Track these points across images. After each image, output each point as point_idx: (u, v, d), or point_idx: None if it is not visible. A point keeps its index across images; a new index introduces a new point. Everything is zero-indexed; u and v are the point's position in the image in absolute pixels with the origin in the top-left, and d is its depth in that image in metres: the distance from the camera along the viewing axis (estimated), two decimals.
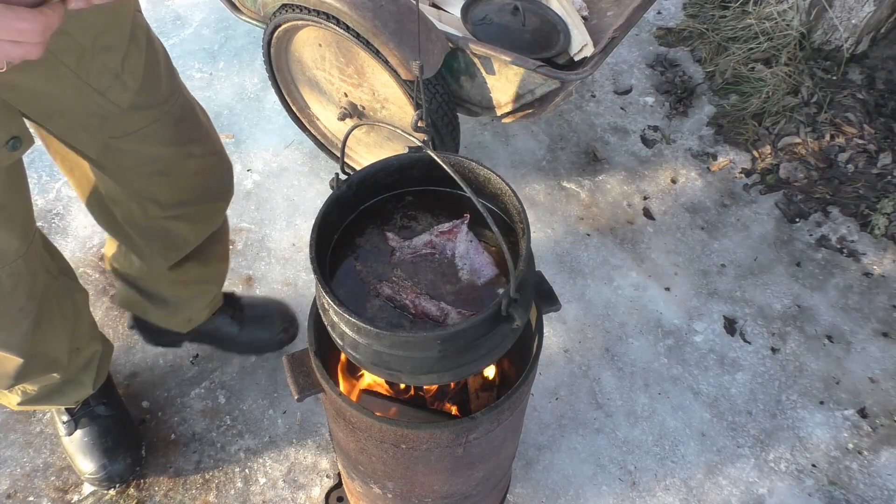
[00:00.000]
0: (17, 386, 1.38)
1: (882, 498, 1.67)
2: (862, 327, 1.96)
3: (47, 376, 1.39)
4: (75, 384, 1.51)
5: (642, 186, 2.28)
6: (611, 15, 2.03)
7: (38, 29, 0.66)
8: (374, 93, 1.92)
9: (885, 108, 2.42)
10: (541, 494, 1.66)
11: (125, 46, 1.05)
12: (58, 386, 1.46)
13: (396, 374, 0.95)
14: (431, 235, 1.04)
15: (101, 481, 1.62)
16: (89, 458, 1.61)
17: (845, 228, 2.16)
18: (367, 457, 1.14)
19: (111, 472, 1.61)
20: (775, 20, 2.60)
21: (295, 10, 1.76)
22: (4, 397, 1.45)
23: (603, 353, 1.90)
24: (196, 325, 1.70)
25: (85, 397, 1.58)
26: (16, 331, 1.22)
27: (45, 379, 1.40)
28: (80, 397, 1.57)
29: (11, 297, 1.16)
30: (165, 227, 1.37)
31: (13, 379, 1.32)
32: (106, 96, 1.04)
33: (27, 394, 1.42)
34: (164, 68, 1.18)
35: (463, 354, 0.91)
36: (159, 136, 1.20)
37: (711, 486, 1.68)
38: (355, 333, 0.92)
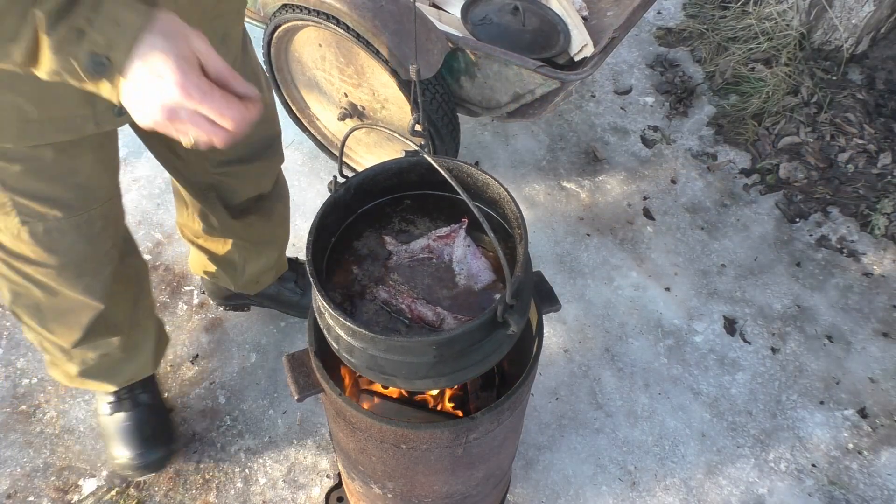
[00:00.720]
0: (80, 349, 1.39)
1: (882, 498, 1.67)
2: (862, 327, 1.96)
3: (108, 341, 1.42)
4: (132, 362, 1.53)
5: (642, 186, 2.28)
6: (611, 15, 2.03)
7: (238, 119, 0.75)
8: (374, 93, 1.92)
9: (885, 108, 2.42)
10: (541, 494, 1.66)
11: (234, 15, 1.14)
12: (115, 362, 1.48)
13: (391, 379, 0.94)
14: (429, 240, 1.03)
15: (134, 469, 1.63)
16: (127, 445, 1.63)
17: (845, 228, 2.16)
18: (367, 457, 1.14)
19: (147, 461, 1.63)
20: (775, 20, 2.60)
21: (295, 10, 1.76)
22: (62, 367, 1.46)
23: (603, 354, 1.90)
24: (263, 289, 1.79)
25: (141, 377, 1.61)
26: (99, 276, 1.28)
27: (105, 345, 1.42)
28: (135, 376, 1.59)
29: (100, 239, 1.22)
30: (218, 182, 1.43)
31: (83, 332, 1.35)
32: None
33: (86, 362, 1.44)
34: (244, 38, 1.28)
35: (459, 360, 0.91)
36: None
37: (711, 486, 1.68)
38: (350, 337, 0.92)
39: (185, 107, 0.73)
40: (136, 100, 0.74)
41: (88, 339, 1.38)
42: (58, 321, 1.32)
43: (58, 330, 1.34)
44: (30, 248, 1.14)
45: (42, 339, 1.39)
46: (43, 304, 1.27)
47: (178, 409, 1.78)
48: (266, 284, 1.81)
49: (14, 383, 1.83)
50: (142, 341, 1.55)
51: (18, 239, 1.12)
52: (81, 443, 1.73)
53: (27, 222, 1.10)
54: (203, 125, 0.75)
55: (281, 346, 1.90)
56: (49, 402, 1.80)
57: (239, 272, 1.70)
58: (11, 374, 1.85)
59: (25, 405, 1.80)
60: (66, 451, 1.72)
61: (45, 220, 1.10)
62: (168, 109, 0.74)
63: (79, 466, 1.70)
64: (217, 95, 0.74)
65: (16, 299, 1.27)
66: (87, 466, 1.70)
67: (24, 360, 1.87)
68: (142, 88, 0.72)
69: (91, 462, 1.71)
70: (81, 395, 1.81)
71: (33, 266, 1.18)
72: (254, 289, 1.79)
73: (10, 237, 1.12)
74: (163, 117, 0.74)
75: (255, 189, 1.52)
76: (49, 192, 1.09)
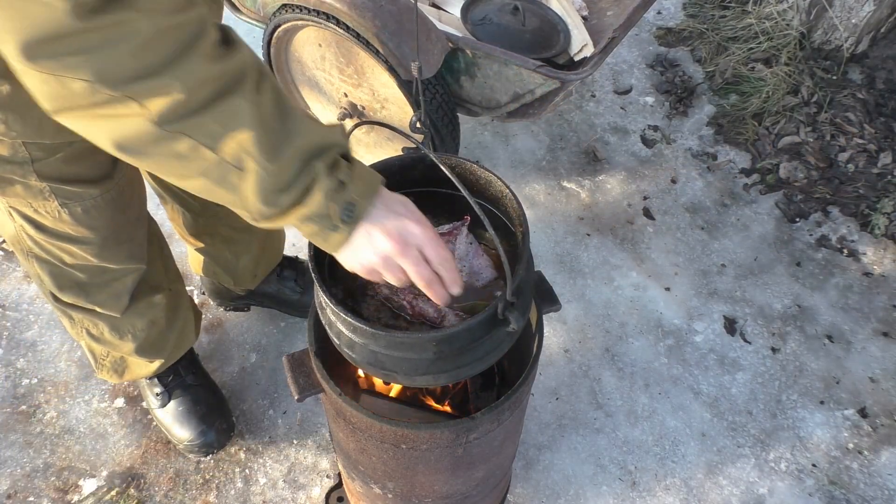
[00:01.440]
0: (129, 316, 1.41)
1: (882, 498, 1.67)
2: (862, 327, 1.96)
3: (152, 300, 1.44)
4: (174, 328, 1.55)
5: (642, 186, 2.28)
6: (611, 15, 2.03)
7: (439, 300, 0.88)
8: (373, 93, 1.92)
9: (885, 107, 2.42)
10: (541, 494, 1.66)
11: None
12: (160, 331, 1.51)
13: (392, 375, 0.94)
14: None
15: (199, 447, 1.67)
16: (186, 427, 1.66)
17: (845, 228, 2.16)
18: (368, 457, 1.14)
19: (209, 439, 1.67)
20: (775, 20, 2.60)
21: (295, 10, 1.76)
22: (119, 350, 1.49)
23: (603, 353, 1.90)
24: (262, 280, 1.82)
25: (184, 347, 1.64)
26: (137, 240, 1.32)
27: (151, 307, 1.44)
28: (179, 345, 1.61)
29: (132, 206, 1.27)
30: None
31: (130, 296, 1.38)
32: None
33: (137, 336, 1.46)
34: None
35: (459, 357, 0.91)
36: None
37: (712, 486, 1.68)
38: (351, 333, 0.92)
39: (396, 260, 0.83)
40: (354, 250, 0.83)
41: (135, 302, 1.41)
42: (105, 292, 1.34)
43: (107, 301, 1.36)
44: (72, 228, 1.17)
45: (91, 326, 1.41)
46: (86, 281, 1.30)
47: None
48: (263, 275, 1.81)
49: (14, 383, 1.83)
50: (180, 303, 1.57)
51: (60, 220, 1.15)
52: (81, 443, 1.73)
53: (66, 204, 1.13)
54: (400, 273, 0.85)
55: (281, 346, 1.90)
56: (49, 402, 1.80)
57: (232, 262, 1.71)
58: (12, 374, 1.85)
59: (25, 405, 1.80)
60: (66, 451, 1.72)
61: (83, 200, 1.14)
62: (384, 259, 0.83)
63: (79, 467, 1.70)
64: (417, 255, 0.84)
65: (60, 283, 1.29)
66: (87, 467, 1.70)
67: (24, 361, 1.87)
68: (360, 239, 0.82)
69: (91, 462, 1.71)
70: (81, 394, 1.81)
71: (77, 244, 1.21)
72: (252, 282, 1.80)
73: (52, 220, 1.15)
74: (377, 265, 0.84)
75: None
76: (85, 174, 1.12)
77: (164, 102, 0.67)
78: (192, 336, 1.65)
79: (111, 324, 1.42)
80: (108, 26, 0.63)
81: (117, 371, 1.57)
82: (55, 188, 1.09)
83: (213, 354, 1.88)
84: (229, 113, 0.71)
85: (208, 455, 1.70)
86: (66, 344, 1.90)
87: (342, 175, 0.78)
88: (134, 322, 1.44)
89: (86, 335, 1.44)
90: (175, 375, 1.69)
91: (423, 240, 0.84)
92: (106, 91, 0.66)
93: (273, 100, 0.75)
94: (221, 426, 1.69)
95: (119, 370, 1.57)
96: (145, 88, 0.67)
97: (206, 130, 0.71)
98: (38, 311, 1.97)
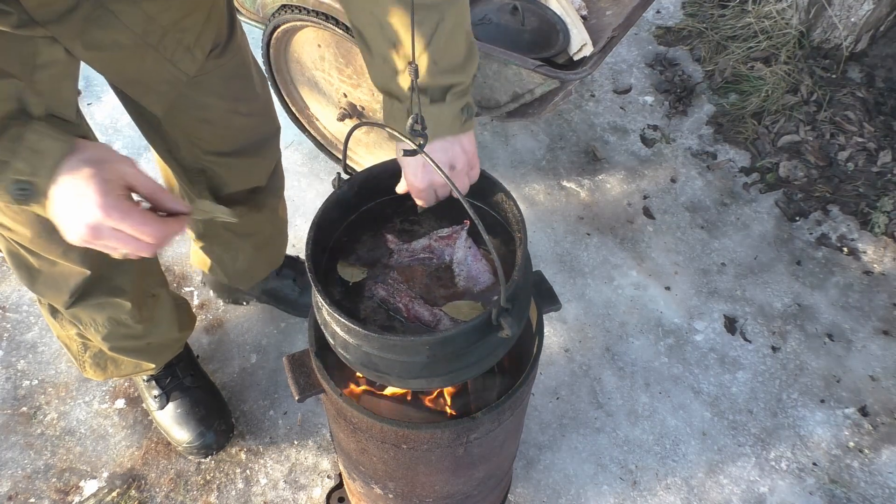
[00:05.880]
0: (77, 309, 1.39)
1: (883, 496, 1.67)
2: (862, 325, 1.96)
3: (111, 301, 1.40)
4: (155, 332, 1.53)
5: (642, 186, 2.28)
6: (610, 14, 2.03)
7: (158, 235, 0.82)
8: (373, 93, 1.92)
9: (884, 106, 2.42)
10: (542, 494, 1.66)
11: (200, 27, 1.17)
12: (136, 333, 1.48)
13: (385, 377, 0.94)
14: (430, 240, 1.03)
15: (198, 449, 1.67)
16: (185, 428, 1.67)
17: (845, 227, 2.16)
18: (368, 457, 1.14)
19: (208, 440, 1.67)
20: (774, 19, 2.60)
21: (294, 10, 1.76)
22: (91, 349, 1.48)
23: (603, 353, 1.90)
24: (258, 282, 1.83)
25: (171, 349, 1.64)
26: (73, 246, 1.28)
27: (110, 306, 1.41)
28: (164, 347, 1.60)
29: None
30: (207, 167, 1.44)
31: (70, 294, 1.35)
32: (178, 66, 1.16)
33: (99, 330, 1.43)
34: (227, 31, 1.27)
35: (452, 361, 0.90)
36: (210, 85, 1.28)
37: (712, 485, 1.68)
38: (346, 334, 0.92)
39: (106, 225, 0.80)
40: (63, 218, 0.81)
41: (82, 300, 1.38)
42: (46, 284, 1.33)
43: (46, 292, 1.35)
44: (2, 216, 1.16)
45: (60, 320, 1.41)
46: (35, 266, 1.30)
47: None
48: (259, 278, 1.82)
49: (15, 385, 1.83)
50: (159, 310, 1.54)
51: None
52: (82, 444, 1.73)
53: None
54: (126, 241, 0.82)
55: (281, 346, 1.90)
56: (50, 403, 1.80)
57: (229, 263, 1.71)
58: (12, 375, 1.85)
59: (26, 407, 1.80)
60: (66, 452, 1.72)
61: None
62: (91, 227, 0.80)
63: (80, 468, 1.70)
64: (136, 214, 0.81)
65: (15, 263, 1.30)
66: (87, 468, 1.70)
67: (24, 362, 1.87)
68: (66, 208, 0.80)
69: (92, 463, 1.71)
70: (82, 395, 1.81)
71: (11, 233, 1.20)
72: (247, 282, 1.82)
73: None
74: (88, 235, 0.81)
75: (245, 182, 1.53)
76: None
77: None
78: (178, 338, 1.63)
79: (70, 313, 1.41)
80: None
81: (100, 366, 1.55)
82: None
83: (213, 355, 1.88)
84: None
85: (208, 457, 1.70)
86: None
87: (1, 154, 0.76)
88: (93, 316, 1.42)
89: (66, 319, 1.42)
90: (173, 377, 1.69)
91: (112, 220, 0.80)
92: None
93: None
94: (220, 427, 1.69)
95: (102, 365, 1.55)
96: None
97: None
98: (39, 312, 1.97)
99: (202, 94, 1.28)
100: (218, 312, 1.96)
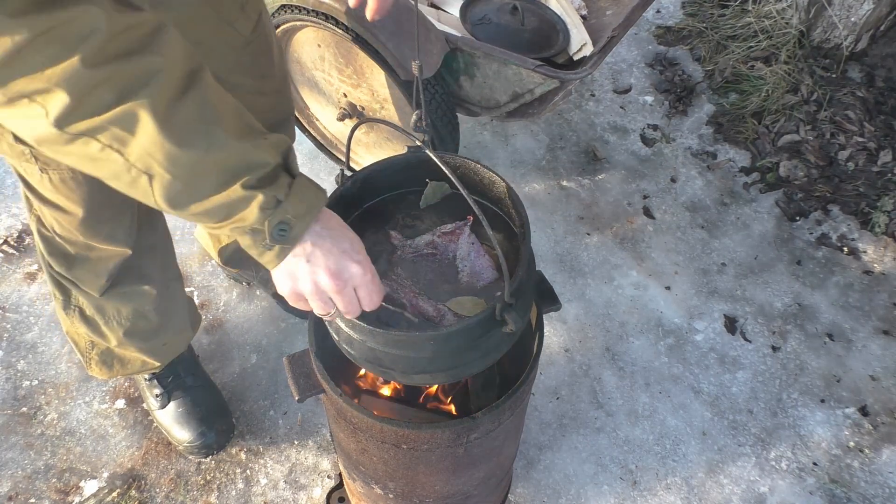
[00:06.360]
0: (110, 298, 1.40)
1: (883, 496, 1.67)
2: (863, 325, 1.96)
3: (139, 289, 1.42)
4: (168, 327, 1.54)
5: (642, 185, 2.28)
6: (610, 14, 2.03)
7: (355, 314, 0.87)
8: (373, 93, 1.92)
9: (884, 105, 2.42)
10: (542, 494, 1.66)
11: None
12: (152, 326, 1.49)
13: (389, 372, 0.95)
14: (434, 236, 1.03)
15: (199, 449, 1.67)
16: (186, 428, 1.67)
17: (845, 226, 2.16)
18: (369, 457, 1.14)
19: (209, 440, 1.67)
20: (774, 18, 2.60)
21: (293, 10, 1.76)
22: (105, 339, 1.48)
23: (603, 353, 1.90)
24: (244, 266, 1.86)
25: (180, 346, 1.63)
26: (120, 222, 1.29)
27: (137, 294, 1.42)
28: (173, 345, 1.60)
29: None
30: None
31: (107, 278, 1.36)
32: (234, 27, 1.17)
33: (122, 323, 1.44)
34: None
35: (457, 356, 0.91)
36: (243, 63, 1.27)
37: (713, 485, 1.68)
38: (350, 329, 0.92)
39: (354, 280, 0.84)
40: (290, 272, 0.83)
41: (116, 286, 1.39)
42: (86, 267, 1.34)
43: (85, 278, 1.35)
44: (53, 195, 1.17)
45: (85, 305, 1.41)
46: (71, 253, 1.30)
47: None
48: (251, 262, 1.83)
49: (15, 385, 1.83)
50: (174, 303, 1.55)
51: (42, 185, 1.15)
52: (83, 444, 1.73)
53: (45, 170, 1.12)
54: (352, 301, 0.86)
55: (281, 346, 1.90)
56: (50, 403, 1.80)
57: (225, 243, 1.74)
58: (12, 376, 1.85)
59: (26, 407, 1.80)
60: (67, 452, 1.72)
61: (60, 169, 1.13)
62: (319, 292, 0.83)
63: (80, 468, 1.70)
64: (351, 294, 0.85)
65: (50, 250, 1.30)
66: (88, 468, 1.70)
67: (24, 363, 1.87)
68: (299, 264, 0.82)
69: (92, 464, 1.71)
70: (82, 396, 1.81)
71: (59, 212, 1.20)
72: (238, 264, 1.85)
73: (37, 182, 1.16)
74: (309, 295, 0.84)
75: None
76: None
77: (57, 106, 0.67)
78: (186, 335, 1.65)
79: (95, 304, 1.41)
80: None
81: (107, 364, 1.55)
82: (35, 152, 1.08)
83: (213, 355, 1.88)
84: (131, 118, 0.69)
85: (208, 456, 1.70)
86: (67, 346, 1.90)
87: (279, 192, 0.77)
88: (119, 307, 1.43)
89: (77, 316, 1.43)
90: (175, 377, 1.69)
91: (361, 282, 0.84)
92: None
93: (196, 108, 0.73)
94: (221, 427, 1.69)
95: (108, 363, 1.55)
96: (32, 91, 0.66)
97: (110, 134, 0.70)
98: (39, 312, 1.97)
99: (234, 74, 1.27)
100: (218, 312, 1.96)
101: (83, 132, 0.69)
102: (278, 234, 0.79)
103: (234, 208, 0.77)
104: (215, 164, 0.74)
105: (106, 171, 0.74)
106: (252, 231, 0.79)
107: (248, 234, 0.79)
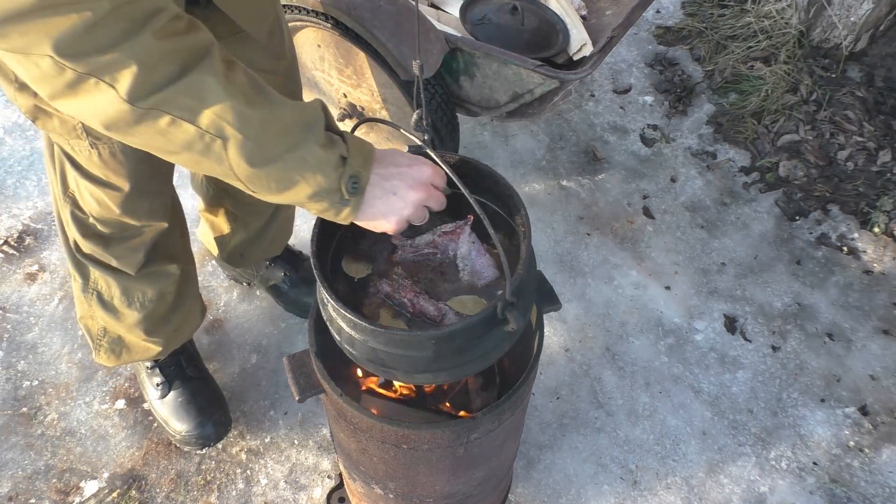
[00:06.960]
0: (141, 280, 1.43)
1: (883, 495, 1.67)
2: (862, 325, 1.96)
3: (166, 269, 1.46)
4: (180, 309, 1.56)
5: (642, 185, 2.28)
6: (609, 14, 2.03)
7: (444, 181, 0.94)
8: (373, 93, 1.92)
9: (884, 105, 2.42)
10: (542, 494, 1.66)
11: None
12: (167, 309, 1.52)
13: (391, 372, 0.95)
14: (434, 235, 1.04)
15: (197, 439, 1.67)
16: (184, 419, 1.67)
17: (845, 226, 2.16)
18: (369, 457, 1.14)
19: (207, 431, 1.67)
20: (774, 18, 2.60)
21: (293, 10, 1.76)
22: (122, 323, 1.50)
23: (604, 353, 1.90)
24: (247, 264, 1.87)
25: (186, 333, 1.65)
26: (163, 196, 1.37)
27: (164, 275, 1.47)
28: (181, 330, 1.62)
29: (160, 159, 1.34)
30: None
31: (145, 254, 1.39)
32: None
33: (145, 306, 1.47)
34: None
35: (458, 355, 0.91)
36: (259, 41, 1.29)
37: (713, 485, 1.68)
38: (352, 329, 0.92)
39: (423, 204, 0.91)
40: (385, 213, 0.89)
41: (149, 264, 1.43)
42: (123, 245, 1.37)
43: (124, 255, 1.38)
44: (101, 171, 1.19)
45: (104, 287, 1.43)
46: (107, 234, 1.33)
47: None
48: (251, 260, 1.85)
49: (15, 386, 1.83)
50: (190, 286, 1.58)
51: (90, 161, 1.18)
52: (83, 445, 1.74)
53: (95, 144, 1.15)
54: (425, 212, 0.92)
55: (281, 347, 1.90)
56: (50, 404, 1.80)
57: (226, 238, 1.75)
58: (12, 376, 1.85)
59: (26, 407, 1.80)
60: (67, 453, 1.72)
61: (111, 143, 1.15)
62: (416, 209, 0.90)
63: (80, 468, 1.70)
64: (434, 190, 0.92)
65: (84, 232, 1.33)
66: (88, 468, 1.70)
67: (24, 363, 1.87)
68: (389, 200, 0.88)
69: (92, 464, 1.71)
70: (82, 396, 1.81)
71: (106, 189, 1.23)
72: (238, 262, 1.85)
73: (85, 159, 1.18)
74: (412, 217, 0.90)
75: None
76: None
77: (128, 79, 0.71)
78: (195, 322, 1.66)
79: (123, 286, 1.43)
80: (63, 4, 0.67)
81: (115, 352, 1.57)
82: (87, 127, 1.11)
83: (213, 355, 1.88)
84: (199, 86, 0.74)
85: (204, 448, 1.70)
86: (67, 346, 1.90)
87: (342, 150, 0.83)
88: (144, 289, 1.46)
89: (95, 300, 1.45)
90: (176, 366, 1.70)
91: (433, 175, 0.91)
92: (68, 65, 0.70)
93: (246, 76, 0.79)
94: (220, 420, 1.69)
95: (117, 351, 1.57)
96: (104, 64, 0.70)
97: (180, 104, 0.74)
98: (39, 313, 1.97)
99: (249, 50, 1.28)
100: (218, 312, 1.96)
101: (153, 105, 0.73)
102: (352, 188, 0.84)
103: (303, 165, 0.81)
104: (281, 121, 0.79)
105: (177, 144, 0.78)
106: (328, 193, 0.83)
107: (325, 199, 0.84)
